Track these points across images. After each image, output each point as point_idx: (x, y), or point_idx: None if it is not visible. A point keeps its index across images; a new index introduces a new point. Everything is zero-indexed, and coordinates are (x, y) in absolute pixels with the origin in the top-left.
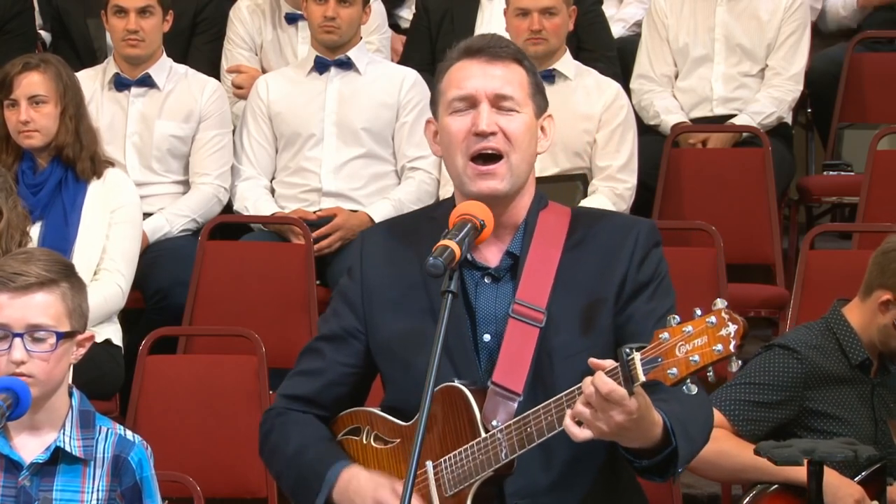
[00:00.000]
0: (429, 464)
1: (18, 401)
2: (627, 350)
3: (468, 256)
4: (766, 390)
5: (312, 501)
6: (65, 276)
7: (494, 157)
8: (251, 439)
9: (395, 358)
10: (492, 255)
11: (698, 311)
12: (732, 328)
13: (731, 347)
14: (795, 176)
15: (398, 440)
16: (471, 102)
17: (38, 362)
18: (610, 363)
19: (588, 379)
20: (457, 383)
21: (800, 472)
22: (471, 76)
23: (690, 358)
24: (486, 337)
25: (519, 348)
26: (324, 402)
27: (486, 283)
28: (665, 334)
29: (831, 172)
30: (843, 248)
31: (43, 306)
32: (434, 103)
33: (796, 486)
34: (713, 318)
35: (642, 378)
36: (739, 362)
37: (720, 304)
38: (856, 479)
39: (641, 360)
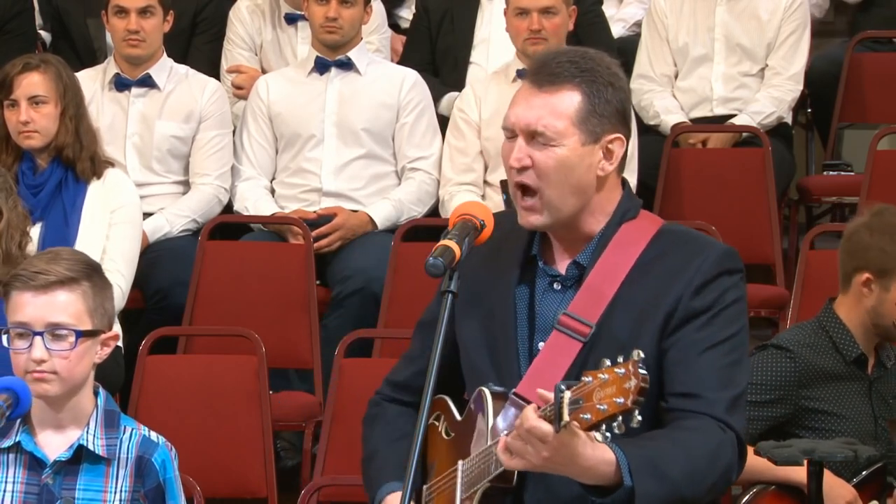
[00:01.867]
0: (460, 463)
1: (18, 401)
2: (562, 386)
3: (539, 263)
4: (759, 389)
5: None
6: (86, 275)
7: (531, 191)
8: (251, 439)
9: (465, 355)
10: (563, 264)
11: (620, 359)
12: (633, 383)
13: (629, 402)
14: (795, 176)
15: (454, 434)
16: (512, 132)
17: (58, 360)
18: (551, 397)
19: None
20: (486, 388)
21: (793, 472)
22: (516, 103)
23: (598, 406)
24: (541, 345)
25: (555, 361)
26: (415, 388)
27: (554, 289)
28: (589, 377)
29: (831, 172)
30: None
31: (63, 305)
32: None
33: (795, 487)
34: (622, 370)
35: (566, 418)
36: (640, 418)
37: (634, 356)
38: (855, 479)
39: (570, 399)
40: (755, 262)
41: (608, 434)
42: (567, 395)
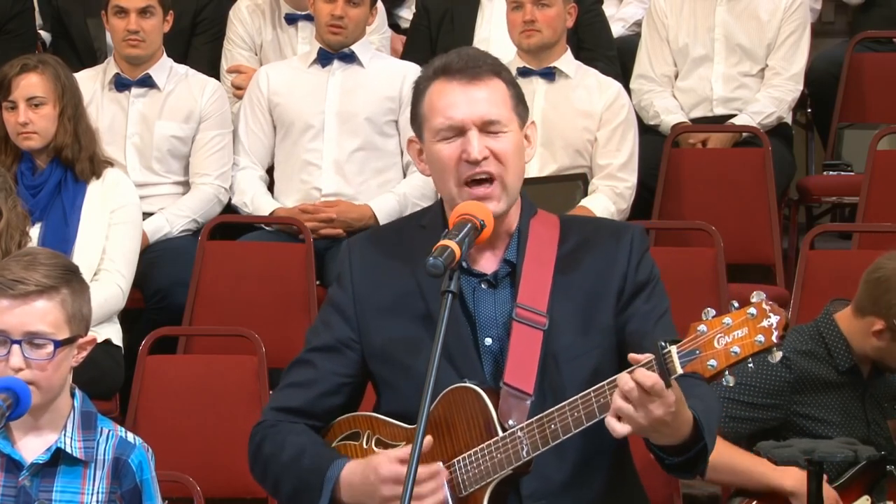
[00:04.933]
0: (440, 464)
1: (18, 401)
2: (663, 343)
3: (464, 264)
4: (753, 391)
5: (316, 502)
6: (65, 281)
7: (488, 180)
8: None
9: (393, 363)
10: (488, 263)
11: (735, 304)
12: (774, 319)
13: (774, 338)
14: (795, 176)
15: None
16: (458, 131)
17: (36, 370)
18: (645, 357)
19: (625, 374)
20: (469, 384)
21: (774, 477)
22: (454, 104)
23: (731, 350)
24: (488, 341)
25: (525, 351)
26: (316, 412)
27: (483, 289)
28: (702, 327)
29: (831, 172)
30: (843, 248)
31: (41, 313)
32: (416, 124)
33: (778, 496)
34: (753, 310)
35: (679, 371)
36: (780, 354)
37: (758, 296)
38: (842, 477)
39: (678, 352)
40: (755, 262)
41: (732, 379)
42: (673, 349)
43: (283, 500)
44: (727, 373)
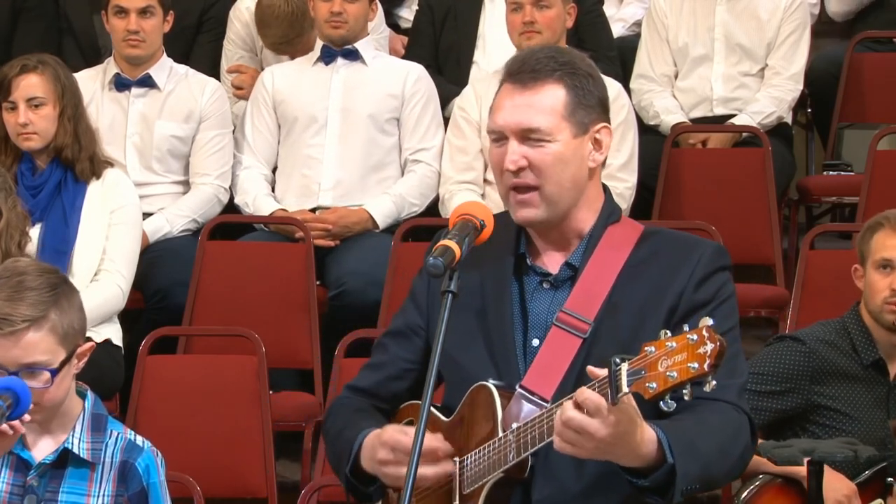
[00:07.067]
0: (456, 460)
1: (18, 401)
2: (617, 360)
3: (527, 261)
4: (769, 380)
5: (345, 469)
6: (53, 302)
7: (529, 187)
8: (251, 439)
9: (444, 355)
10: (553, 263)
11: (685, 327)
12: (710, 347)
13: (706, 367)
14: (795, 176)
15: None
16: (501, 135)
17: (36, 394)
18: (603, 372)
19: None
20: (489, 383)
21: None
22: (501, 107)
23: (668, 373)
24: (535, 342)
25: (556, 356)
26: (383, 395)
27: (543, 288)
28: (651, 347)
29: (831, 172)
30: (843, 248)
31: (33, 345)
32: None
33: (794, 481)
34: (694, 336)
35: (625, 389)
36: (714, 383)
37: (705, 322)
38: (858, 478)
39: (628, 370)
40: (755, 262)
41: (674, 403)
42: (624, 367)
43: (333, 469)
44: (668, 397)
